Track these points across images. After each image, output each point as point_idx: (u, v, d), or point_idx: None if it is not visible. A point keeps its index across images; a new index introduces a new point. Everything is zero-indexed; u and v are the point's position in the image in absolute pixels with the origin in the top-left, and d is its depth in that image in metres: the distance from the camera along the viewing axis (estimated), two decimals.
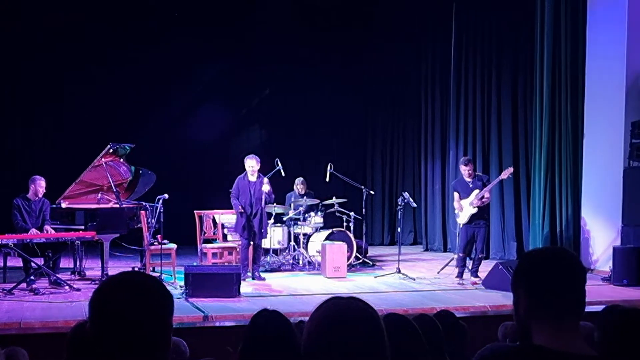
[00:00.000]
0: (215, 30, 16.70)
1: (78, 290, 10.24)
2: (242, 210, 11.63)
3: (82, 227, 11.13)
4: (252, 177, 11.75)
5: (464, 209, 11.80)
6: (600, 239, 12.85)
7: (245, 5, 16.84)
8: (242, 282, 10.30)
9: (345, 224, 13.79)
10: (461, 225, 12.04)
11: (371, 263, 13.93)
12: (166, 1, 16.40)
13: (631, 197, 11.98)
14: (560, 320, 2.38)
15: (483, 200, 11.69)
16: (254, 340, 3.54)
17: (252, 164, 11.72)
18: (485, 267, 11.74)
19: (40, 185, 11.12)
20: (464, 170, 11.90)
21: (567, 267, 2.45)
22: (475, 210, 11.68)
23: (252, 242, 11.87)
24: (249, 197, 11.66)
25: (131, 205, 11.93)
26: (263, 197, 11.76)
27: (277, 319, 3.69)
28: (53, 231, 11.05)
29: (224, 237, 13.08)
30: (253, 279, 11.69)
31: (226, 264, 12.24)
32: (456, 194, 12.03)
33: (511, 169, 12.24)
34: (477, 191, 11.70)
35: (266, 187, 11.69)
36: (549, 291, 2.40)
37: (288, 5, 16.89)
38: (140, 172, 12.61)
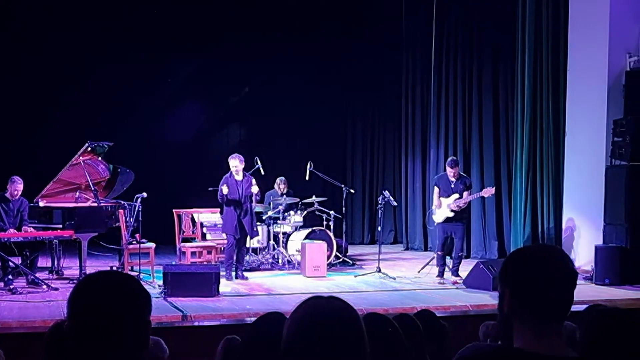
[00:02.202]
0: (194, 28, 16.60)
1: (56, 289, 10.15)
2: (227, 187, 11.52)
3: (60, 226, 11.07)
4: (238, 177, 11.72)
5: (442, 207, 11.80)
6: (583, 237, 12.82)
7: (225, 4, 16.77)
8: (223, 281, 10.27)
9: (325, 222, 13.74)
10: (436, 224, 12.06)
11: (351, 262, 13.91)
12: (145, 0, 16.35)
13: (613, 195, 11.97)
14: (544, 322, 2.35)
15: (460, 205, 11.70)
16: (254, 341, 3.50)
17: (235, 163, 11.68)
18: (466, 267, 11.72)
19: (15, 188, 10.84)
20: (450, 171, 11.85)
21: (556, 269, 2.39)
22: (452, 214, 11.71)
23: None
24: (238, 195, 11.63)
25: (109, 204, 11.87)
26: (254, 197, 11.82)
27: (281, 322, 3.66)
28: (33, 230, 10.95)
29: (203, 236, 13.03)
30: (236, 278, 11.67)
31: (205, 263, 12.18)
32: (436, 189, 12.03)
33: (492, 190, 12.27)
34: (456, 195, 11.70)
35: (255, 189, 11.72)
36: (536, 293, 2.35)
37: (267, 5, 16.86)
38: (119, 170, 12.55)
